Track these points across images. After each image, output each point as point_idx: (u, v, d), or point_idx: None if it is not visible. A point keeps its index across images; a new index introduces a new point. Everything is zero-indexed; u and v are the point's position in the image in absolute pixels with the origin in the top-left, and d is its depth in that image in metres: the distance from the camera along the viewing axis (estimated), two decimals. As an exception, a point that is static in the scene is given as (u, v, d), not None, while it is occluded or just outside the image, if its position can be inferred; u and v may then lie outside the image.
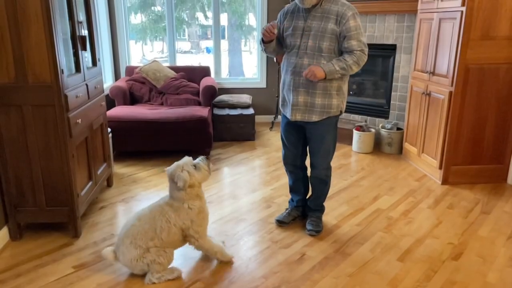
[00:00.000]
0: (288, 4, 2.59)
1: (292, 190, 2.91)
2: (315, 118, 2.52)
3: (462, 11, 3.13)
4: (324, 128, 2.56)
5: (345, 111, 2.68)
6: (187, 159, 2.22)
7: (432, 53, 3.57)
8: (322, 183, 2.72)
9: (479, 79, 3.27)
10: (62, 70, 2.37)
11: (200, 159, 2.26)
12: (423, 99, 3.74)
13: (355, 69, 2.42)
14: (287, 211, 2.89)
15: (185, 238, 2.25)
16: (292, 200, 2.93)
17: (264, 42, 2.56)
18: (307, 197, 2.88)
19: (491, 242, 2.61)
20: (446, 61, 3.36)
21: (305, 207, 2.91)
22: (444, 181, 3.52)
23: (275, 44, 2.61)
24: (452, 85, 3.30)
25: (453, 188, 3.45)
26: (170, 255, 2.20)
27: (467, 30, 3.14)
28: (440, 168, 3.52)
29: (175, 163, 2.20)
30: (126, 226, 2.20)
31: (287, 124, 2.68)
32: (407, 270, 2.32)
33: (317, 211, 2.80)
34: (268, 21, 5.31)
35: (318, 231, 2.70)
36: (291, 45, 2.51)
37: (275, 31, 2.46)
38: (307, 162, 2.77)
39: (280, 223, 2.82)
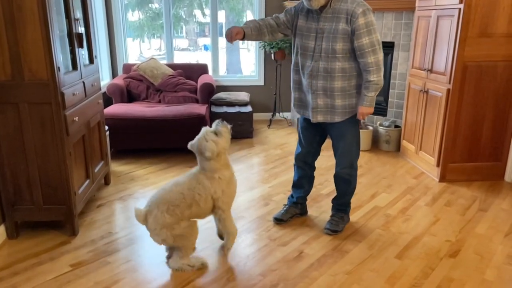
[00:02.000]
0: (304, 1, 2.44)
1: (294, 185, 2.90)
2: (337, 118, 2.50)
3: (460, 8, 3.13)
4: (345, 127, 2.53)
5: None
6: (205, 129, 2.25)
7: (430, 51, 3.57)
8: (345, 183, 2.68)
9: (476, 76, 3.27)
10: (59, 67, 2.35)
11: (217, 124, 2.28)
12: (420, 96, 3.74)
13: (381, 75, 2.37)
14: (284, 208, 2.89)
15: (212, 209, 2.29)
16: (292, 196, 2.92)
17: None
18: (333, 197, 2.83)
19: (488, 240, 2.62)
20: (444, 59, 3.36)
21: (304, 205, 2.91)
22: (442, 179, 3.53)
23: (255, 38, 2.56)
24: (449, 83, 3.30)
25: (450, 185, 3.46)
26: (196, 231, 2.25)
27: (465, 27, 3.14)
28: (438, 165, 3.52)
29: (196, 137, 2.25)
30: (161, 192, 2.21)
31: (305, 121, 2.67)
32: (405, 267, 2.32)
33: (340, 211, 2.78)
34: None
35: (335, 231, 2.67)
36: (305, 46, 2.47)
37: (233, 42, 2.47)
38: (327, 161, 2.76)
39: (278, 221, 2.81)
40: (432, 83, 3.55)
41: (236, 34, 2.44)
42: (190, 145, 2.29)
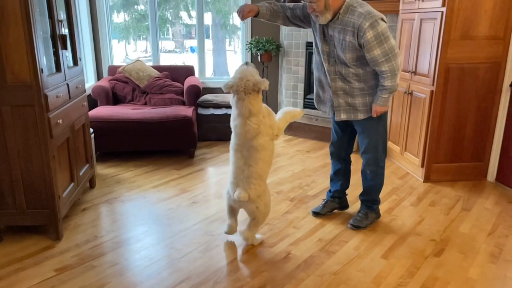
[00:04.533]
0: (312, 17, 2.48)
1: (331, 179, 2.98)
2: (360, 116, 2.56)
3: (442, 12, 3.18)
4: (369, 124, 2.59)
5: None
6: (243, 69, 2.28)
7: (413, 53, 3.62)
8: (371, 180, 2.73)
9: (459, 78, 3.33)
10: (42, 69, 2.32)
11: (244, 64, 2.35)
12: (405, 98, 3.79)
13: (397, 80, 2.42)
14: (323, 202, 2.97)
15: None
16: (329, 191, 2.98)
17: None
18: (360, 193, 2.89)
19: (472, 239, 2.66)
20: (427, 61, 3.41)
21: (342, 199, 2.96)
22: (426, 179, 3.58)
23: (268, 18, 2.59)
24: (433, 85, 3.35)
25: (435, 185, 3.51)
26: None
27: (448, 30, 3.19)
28: (422, 166, 3.57)
29: (240, 77, 2.24)
30: (244, 173, 2.34)
31: (334, 115, 2.72)
32: (390, 267, 2.35)
33: (366, 207, 2.82)
34: (252, 21, 5.30)
35: (357, 226, 2.73)
36: (322, 50, 2.52)
37: (244, 20, 2.51)
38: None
39: (315, 214, 2.91)
40: (416, 85, 3.60)
41: (248, 12, 2.47)
42: (233, 84, 2.25)
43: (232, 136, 2.40)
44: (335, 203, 2.95)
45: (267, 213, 2.49)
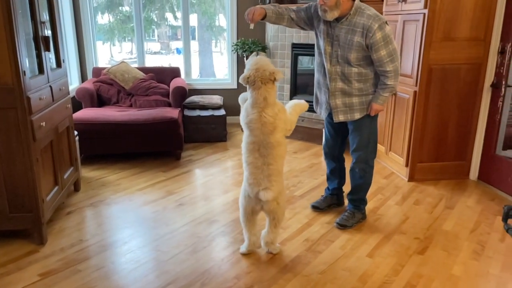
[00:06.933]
0: (319, 12, 2.52)
1: (328, 178, 3.06)
2: (357, 115, 2.62)
3: (424, 14, 3.24)
4: (362, 122, 2.65)
5: (315, 111, 2.87)
6: (257, 59, 2.24)
7: (397, 54, 3.67)
8: (359, 178, 2.78)
9: (441, 79, 3.39)
10: (24, 71, 2.29)
11: (255, 55, 2.34)
12: (389, 98, 3.82)
13: (397, 80, 2.51)
14: (322, 198, 3.05)
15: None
16: (328, 188, 3.06)
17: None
18: (348, 192, 2.93)
19: (455, 236, 2.71)
20: (410, 62, 3.46)
21: (340, 196, 3.05)
22: (411, 178, 3.63)
23: (273, 20, 2.63)
24: (416, 85, 3.41)
25: (419, 184, 3.57)
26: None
27: (430, 31, 3.25)
28: (407, 165, 3.62)
29: (257, 67, 2.19)
30: (264, 172, 2.26)
31: (329, 116, 2.77)
32: (376, 265, 2.37)
33: (352, 206, 2.87)
34: (238, 22, 5.32)
35: (343, 225, 2.77)
36: (324, 50, 2.58)
37: (251, 24, 2.53)
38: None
39: (315, 208, 2.98)
40: (399, 86, 3.65)
41: (258, 14, 2.48)
42: (269, 70, 2.20)
43: (246, 135, 2.31)
44: (333, 199, 3.04)
45: (285, 208, 2.46)
